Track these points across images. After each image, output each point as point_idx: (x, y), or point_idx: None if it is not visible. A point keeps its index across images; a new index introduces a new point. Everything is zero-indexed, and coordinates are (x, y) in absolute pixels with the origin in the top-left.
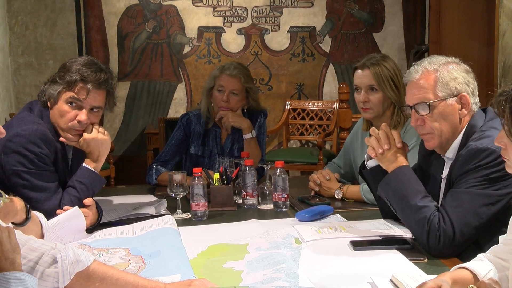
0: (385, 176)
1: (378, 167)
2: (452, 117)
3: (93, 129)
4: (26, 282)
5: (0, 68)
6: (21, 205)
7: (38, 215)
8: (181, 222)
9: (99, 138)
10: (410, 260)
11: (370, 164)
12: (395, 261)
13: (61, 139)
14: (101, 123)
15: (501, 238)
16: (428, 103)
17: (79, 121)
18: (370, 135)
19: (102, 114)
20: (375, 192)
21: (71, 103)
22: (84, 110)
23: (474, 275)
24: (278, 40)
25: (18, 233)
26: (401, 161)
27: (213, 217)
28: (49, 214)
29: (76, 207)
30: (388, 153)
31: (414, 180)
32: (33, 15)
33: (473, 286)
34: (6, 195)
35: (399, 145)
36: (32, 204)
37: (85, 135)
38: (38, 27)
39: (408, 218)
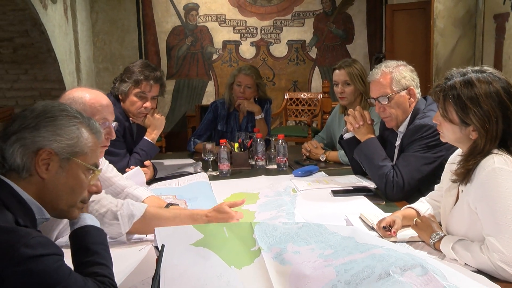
0: (359, 144)
1: (352, 138)
2: (404, 105)
3: (154, 112)
4: (95, 221)
5: (87, 71)
6: None
7: None
8: (211, 178)
9: (158, 118)
10: (373, 203)
11: (346, 136)
12: (362, 204)
13: (131, 119)
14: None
15: (436, 186)
16: (387, 96)
17: (145, 108)
18: (348, 115)
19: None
20: (350, 156)
21: (139, 96)
22: (148, 100)
23: (417, 212)
24: (279, 50)
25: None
26: (371, 134)
27: (234, 174)
28: (121, 171)
29: (139, 167)
30: (362, 127)
31: (379, 147)
32: (109, 34)
33: (417, 219)
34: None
35: (369, 122)
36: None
37: (149, 116)
38: (112, 42)
39: (373, 174)
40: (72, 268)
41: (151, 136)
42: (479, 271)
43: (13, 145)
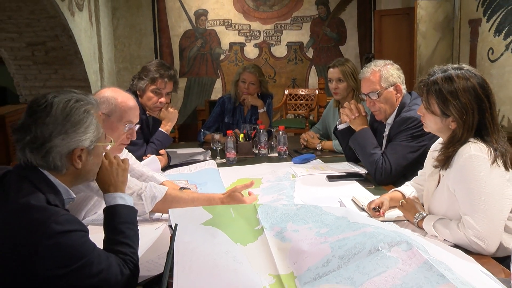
0: (354, 133)
1: (345, 129)
2: (392, 100)
3: (168, 106)
4: (127, 200)
5: (109, 71)
6: None
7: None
8: (219, 165)
9: (171, 111)
10: (364, 187)
11: (340, 127)
12: (354, 187)
13: (148, 113)
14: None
15: (419, 172)
16: (377, 92)
17: (160, 102)
18: (343, 107)
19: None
20: (343, 145)
21: (155, 92)
22: (163, 95)
23: (403, 194)
24: (280, 50)
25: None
26: (365, 124)
27: (239, 161)
28: (138, 159)
29: (154, 155)
30: (357, 119)
31: (371, 137)
32: (128, 37)
33: (403, 200)
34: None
35: (363, 114)
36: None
37: (164, 110)
38: (131, 45)
39: (365, 160)
40: (103, 239)
41: (166, 127)
42: (456, 246)
43: (50, 154)
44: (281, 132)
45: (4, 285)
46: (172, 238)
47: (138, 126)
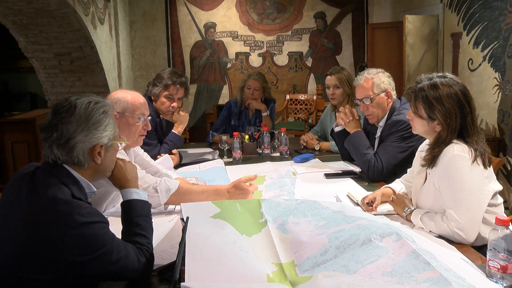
0: (348, 136)
1: (341, 131)
2: (383, 104)
3: (180, 110)
4: (141, 195)
5: (126, 78)
6: None
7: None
8: (226, 163)
9: (183, 115)
10: (358, 183)
11: (336, 129)
12: (349, 184)
13: (161, 116)
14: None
15: (408, 170)
16: (370, 97)
17: (173, 107)
18: (339, 112)
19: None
20: (339, 145)
21: (168, 97)
22: (175, 100)
23: (393, 190)
24: (282, 59)
25: (141, 171)
26: (358, 127)
27: (245, 160)
28: (153, 158)
29: (167, 154)
30: (351, 122)
31: (364, 138)
32: (144, 47)
33: (393, 196)
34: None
35: (357, 117)
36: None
37: (175, 114)
38: (146, 54)
39: (358, 160)
40: (121, 230)
41: (177, 129)
42: (440, 236)
43: (74, 150)
44: (282, 133)
45: (32, 270)
46: (184, 230)
47: (150, 117)
